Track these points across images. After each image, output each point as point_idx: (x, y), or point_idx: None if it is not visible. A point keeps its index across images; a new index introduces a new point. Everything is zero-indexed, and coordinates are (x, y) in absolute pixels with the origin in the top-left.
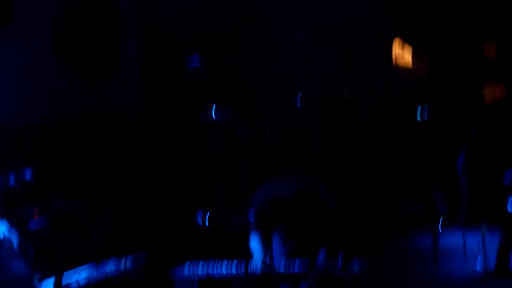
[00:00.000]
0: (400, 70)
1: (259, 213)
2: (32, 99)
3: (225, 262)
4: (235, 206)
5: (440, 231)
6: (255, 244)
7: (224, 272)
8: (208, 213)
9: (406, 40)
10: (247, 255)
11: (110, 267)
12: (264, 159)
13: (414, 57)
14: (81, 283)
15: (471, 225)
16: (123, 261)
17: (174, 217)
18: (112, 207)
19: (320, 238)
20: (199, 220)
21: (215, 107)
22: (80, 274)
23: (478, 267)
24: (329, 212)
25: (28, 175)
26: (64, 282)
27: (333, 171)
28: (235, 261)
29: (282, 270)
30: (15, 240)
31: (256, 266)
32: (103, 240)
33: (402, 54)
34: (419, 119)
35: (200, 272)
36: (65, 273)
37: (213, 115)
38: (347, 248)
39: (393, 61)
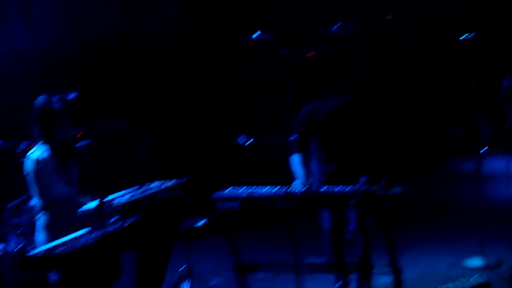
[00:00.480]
0: None
1: (301, 132)
2: (75, 23)
3: (266, 185)
4: (277, 128)
5: (483, 155)
6: (296, 165)
7: (265, 192)
8: (250, 135)
9: None
10: (289, 177)
11: (152, 188)
12: (306, 81)
13: None
14: (124, 200)
15: None
16: (165, 183)
17: (216, 139)
18: (153, 129)
19: (362, 158)
20: (241, 143)
21: (260, 31)
22: (123, 195)
23: None
24: (370, 129)
25: (72, 97)
26: (107, 202)
27: (374, 93)
28: (276, 183)
29: (323, 192)
30: (59, 161)
31: (297, 187)
32: (145, 162)
33: None
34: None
35: (241, 193)
36: (108, 193)
37: (257, 37)
38: (389, 171)
39: None
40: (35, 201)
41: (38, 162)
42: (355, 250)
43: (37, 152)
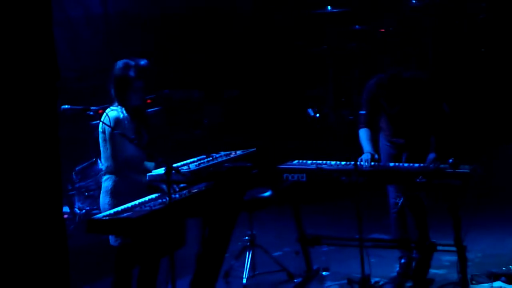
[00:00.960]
0: None
1: (368, 105)
2: None
3: (334, 159)
4: (347, 103)
5: None
6: (364, 139)
7: (332, 165)
8: (317, 109)
9: None
10: (356, 151)
11: (219, 158)
12: (376, 56)
13: None
14: (192, 168)
15: None
16: (232, 153)
17: (284, 111)
18: (222, 99)
19: (430, 133)
20: (310, 115)
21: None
22: (191, 163)
23: None
24: (438, 105)
25: (143, 64)
26: (175, 168)
27: (444, 70)
28: (344, 158)
29: (391, 167)
30: (131, 125)
31: (365, 162)
32: (214, 131)
33: None
34: None
35: (308, 165)
36: (176, 161)
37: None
38: (458, 148)
39: None
40: (103, 163)
41: (116, 121)
42: (420, 219)
43: (115, 112)
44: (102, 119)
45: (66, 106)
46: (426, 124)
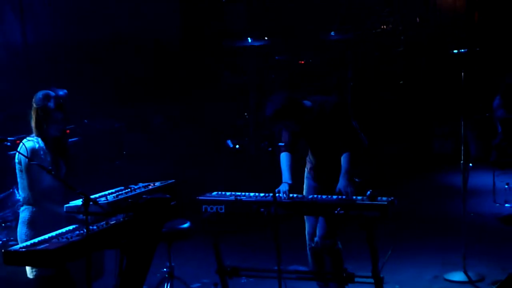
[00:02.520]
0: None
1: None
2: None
3: (253, 190)
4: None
5: (470, 169)
6: (284, 164)
7: (251, 197)
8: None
9: None
10: (277, 182)
11: (138, 189)
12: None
13: None
14: (110, 199)
15: (502, 165)
16: (151, 185)
17: (207, 141)
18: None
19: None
20: (229, 146)
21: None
22: (109, 194)
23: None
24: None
25: (62, 94)
26: (93, 200)
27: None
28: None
29: (309, 199)
30: (48, 156)
31: (282, 193)
32: (134, 161)
33: None
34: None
35: (227, 196)
36: (94, 192)
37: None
38: (375, 181)
39: None
40: (20, 194)
41: (33, 151)
42: (336, 260)
43: (32, 142)
44: (18, 149)
45: None
46: (336, 143)
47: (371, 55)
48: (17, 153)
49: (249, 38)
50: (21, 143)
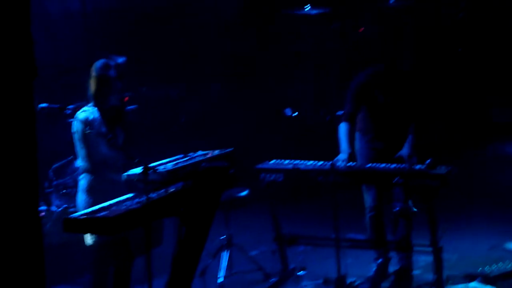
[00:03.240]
0: None
1: (352, 99)
2: None
3: (311, 158)
4: (324, 103)
5: None
6: (343, 135)
7: (309, 165)
8: (297, 108)
9: None
10: (335, 151)
11: (197, 157)
12: (356, 56)
13: None
14: (169, 167)
15: None
16: (210, 153)
17: (262, 109)
18: (202, 95)
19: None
20: (288, 114)
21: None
22: (168, 162)
23: None
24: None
25: (121, 61)
26: (152, 168)
27: (422, 69)
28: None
29: (367, 168)
30: (108, 124)
31: (341, 162)
32: (192, 130)
33: None
34: None
35: (285, 165)
36: (153, 160)
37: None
38: (434, 150)
39: None
40: (79, 162)
41: (86, 122)
42: (398, 229)
43: (86, 113)
44: (73, 123)
45: (44, 104)
46: (408, 121)
47: (430, 22)
48: (73, 122)
49: (307, 6)
50: (75, 116)
